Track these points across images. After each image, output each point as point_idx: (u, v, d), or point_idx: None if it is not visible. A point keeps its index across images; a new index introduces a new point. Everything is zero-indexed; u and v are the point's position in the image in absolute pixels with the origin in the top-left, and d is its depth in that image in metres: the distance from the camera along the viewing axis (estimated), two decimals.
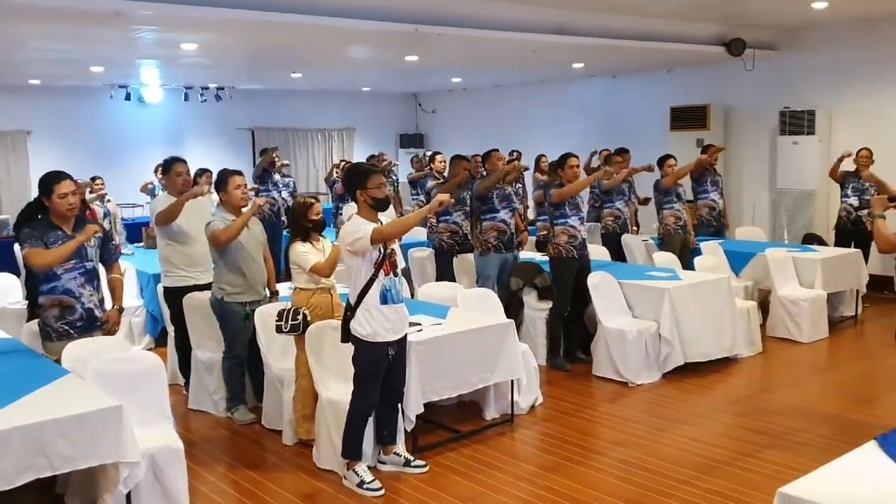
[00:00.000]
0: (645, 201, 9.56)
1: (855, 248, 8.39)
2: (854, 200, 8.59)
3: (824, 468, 2.76)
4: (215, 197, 5.85)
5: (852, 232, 8.59)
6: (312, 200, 5.21)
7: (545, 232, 8.14)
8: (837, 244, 8.77)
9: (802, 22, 9.73)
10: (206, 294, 5.63)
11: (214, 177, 6.02)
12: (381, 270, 4.27)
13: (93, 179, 9.84)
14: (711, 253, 8.06)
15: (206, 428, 5.55)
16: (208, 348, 5.78)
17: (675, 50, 9.60)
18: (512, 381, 5.43)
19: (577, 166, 6.80)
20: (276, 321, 4.92)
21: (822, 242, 9.16)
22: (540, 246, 8.42)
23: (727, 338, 6.75)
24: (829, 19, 9.42)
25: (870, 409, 5.56)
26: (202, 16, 6.48)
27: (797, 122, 10.08)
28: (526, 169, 8.42)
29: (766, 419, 5.49)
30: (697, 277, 6.96)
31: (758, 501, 4.16)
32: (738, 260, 8.11)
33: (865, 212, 8.34)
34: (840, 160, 8.65)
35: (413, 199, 11.20)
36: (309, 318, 4.87)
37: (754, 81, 10.53)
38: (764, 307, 7.76)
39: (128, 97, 12.86)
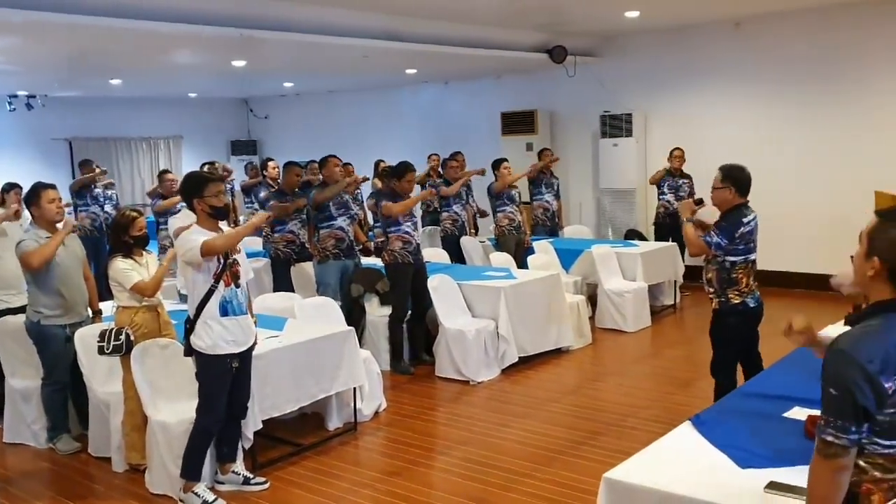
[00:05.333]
0: (482, 214, 9.75)
1: (673, 241, 8.99)
2: (671, 197, 9.19)
3: (645, 451, 2.93)
4: (27, 214, 5.44)
5: (670, 226, 9.19)
6: (135, 214, 4.94)
7: (382, 238, 8.17)
8: (658, 239, 9.36)
9: (617, 30, 10.33)
10: (21, 318, 5.24)
11: (25, 192, 5.58)
12: (221, 281, 4.14)
13: None
14: (543, 251, 8.41)
15: (25, 461, 5.15)
16: (25, 375, 5.38)
17: (501, 57, 9.92)
18: (354, 388, 5.40)
19: (412, 181, 6.85)
20: (98, 342, 4.63)
21: (642, 237, 9.78)
22: (379, 251, 8.44)
23: (559, 331, 7.08)
24: (641, 28, 10.06)
25: (689, 392, 5.96)
26: (2, 19, 5.99)
27: (616, 125, 10.69)
28: (366, 179, 8.44)
29: (598, 407, 5.78)
30: (530, 275, 7.22)
31: (593, 487, 4.32)
32: (567, 257, 8.49)
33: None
34: (664, 171, 9.19)
35: (247, 208, 10.89)
36: (133, 338, 4.62)
37: (576, 87, 11.06)
38: (592, 300, 8.18)
39: None
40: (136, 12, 6.50)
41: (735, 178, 4.49)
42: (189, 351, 4.23)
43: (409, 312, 6.89)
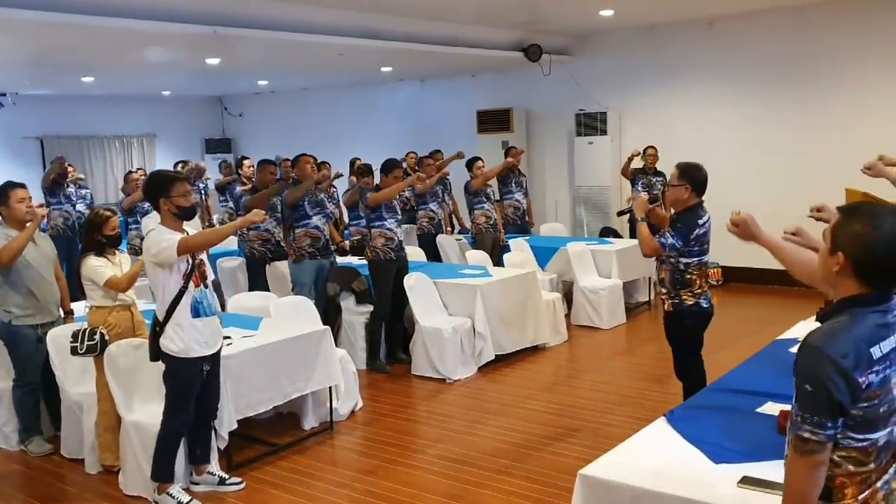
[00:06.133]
0: (462, 227, 9.75)
1: None
2: (644, 195, 9.23)
3: (620, 447, 2.95)
4: None
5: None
6: (109, 213, 4.88)
7: (359, 236, 8.15)
8: (632, 236, 9.40)
9: (592, 29, 10.38)
10: None
11: None
12: (191, 282, 4.09)
13: None
14: (519, 249, 8.43)
15: None
16: None
17: (477, 55, 9.92)
18: (330, 387, 5.38)
19: (399, 177, 6.85)
20: (72, 343, 4.57)
21: (616, 235, 9.84)
22: (355, 250, 8.42)
23: (535, 328, 7.10)
24: (615, 27, 10.12)
25: (664, 387, 6.00)
26: None
27: (591, 124, 10.74)
28: (340, 175, 8.41)
29: (574, 404, 5.81)
30: (506, 273, 7.24)
31: (569, 483, 4.34)
32: (543, 254, 8.53)
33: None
34: (630, 159, 9.32)
35: (222, 207, 10.81)
36: (107, 338, 4.57)
37: (552, 86, 11.08)
38: (568, 297, 8.21)
39: None
40: (109, 9, 6.41)
41: (692, 177, 4.43)
42: (156, 355, 4.15)
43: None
